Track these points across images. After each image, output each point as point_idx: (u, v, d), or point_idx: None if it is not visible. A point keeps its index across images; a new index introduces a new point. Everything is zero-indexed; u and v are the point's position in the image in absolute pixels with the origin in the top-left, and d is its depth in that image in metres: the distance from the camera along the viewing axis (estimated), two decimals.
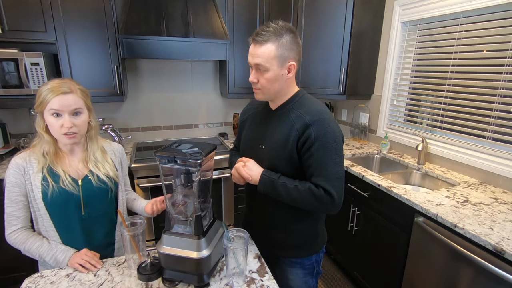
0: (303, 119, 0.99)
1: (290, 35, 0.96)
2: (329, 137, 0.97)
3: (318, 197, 0.96)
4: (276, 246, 1.17)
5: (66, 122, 1.00)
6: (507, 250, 1.11)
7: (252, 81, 1.02)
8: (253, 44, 0.97)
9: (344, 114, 3.03)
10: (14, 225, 1.03)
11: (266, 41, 0.94)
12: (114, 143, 1.25)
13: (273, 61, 0.96)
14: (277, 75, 0.98)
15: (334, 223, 2.29)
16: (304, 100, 1.06)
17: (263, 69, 0.97)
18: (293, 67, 1.00)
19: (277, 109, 1.08)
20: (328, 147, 0.97)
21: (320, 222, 1.18)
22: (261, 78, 0.99)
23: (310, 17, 2.45)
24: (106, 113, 2.50)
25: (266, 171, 1.04)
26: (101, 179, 1.11)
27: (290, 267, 1.18)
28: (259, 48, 0.95)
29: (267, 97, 1.06)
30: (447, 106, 2.00)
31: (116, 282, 0.94)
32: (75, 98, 1.02)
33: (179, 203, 0.96)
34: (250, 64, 1.00)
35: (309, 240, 1.16)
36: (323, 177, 0.96)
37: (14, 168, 1.01)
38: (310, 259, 1.18)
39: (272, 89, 1.01)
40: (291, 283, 1.20)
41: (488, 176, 1.76)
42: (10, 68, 1.86)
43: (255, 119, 1.17)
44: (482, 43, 1.76)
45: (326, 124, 0.98)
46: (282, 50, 0.95)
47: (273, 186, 1.01)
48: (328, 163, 0.97)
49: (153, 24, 2.10)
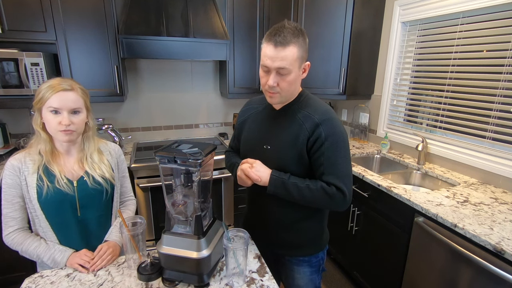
0: (312, 119, 1.00)
1: (303, 35, 0.96)
2: (339, 136, 0.99)
3: (331, 194, 0.97)
4: (283, 246, 1.16)
5: (64, 120, 0.99)
6: (507, 250, 1.11)
7: (272, 86, 0.96)
8: (274, 47, 0.91)
9: (344, 114, 3.03)
10: (11, 226, 1.03)
11: (288, 43, 0.91)
12: (111, 143, 1.24)
13: (295, 63, 0.94)
14: (297, 77, 0.98)
15: (334, 223, 2.29)
16: (309, 100, 1.06)
17: (285, 72, 0.94)
18: (307, 67, 1.00)
19: (282, 109, 1.07)
20: (338, 146, 0.98)
21: (325, 220, 1.20)
22: (282, 81, 0.95)
23: (310, 17, 2.45)
24: (106, 113, 2.50)
25: (275, 171, 1.02)
26: (97, 180, 1.10)
27: (296, 266, 1.18)
28: (282, 51, 0.91)
29: (283, 100, 1.03)
30: (447, 106, 2.00)
31: (116, 282, 0.93)
32: (75, 96, 1.02)
33: (179, 203, 0.96)
34: (269, 67, 0.94)
35: (315, 238, 1.17)
36: (334, 175, 0.98)
37: (10, 169, 1.01)
38: (317, 256, 1.19)
39: (290, 91, 1.00)
40: (298, 282, 1.20)
41: (488, 176, 1.76)
42: (10, 68, 1.86)
43: (256, 119, 1.15)
44: (482, 43, 1.76)
45: (335, 124, 1.00)
46: (302, 51, 0.94)
47: (284, 186, 1.00)
48: (338, 161, 0.98)
49: (153, 24, 2.10)
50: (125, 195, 1.29)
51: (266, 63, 0.94)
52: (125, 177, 1.28)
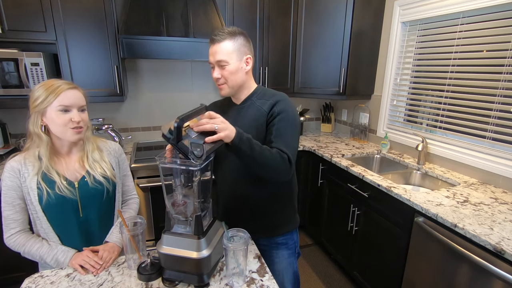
0: (268, 102, 1.13)
1: (242, 36, 1.11)
2: (290, 114, 1.11)
3: (284, 158, 1.04)
4: (260, 230, 1.22)
5: (76, 116, 1.00)
6: (507, 250, 1.11)
7: (216, 77, 1.12)
8: (212, 45, 1.10)
9: (344, 114, 3.03)
10: (13, 228, 1.03)
11: (223, 40, 1.08)
12: (111, 142, 1.24)
13: (232, 55, 1.09)
14: (237, 67, 1.11)
15: (334, 223, 2.30)
16: (266, 91, 1.20)
17: (224, 64, 1.08)
18: (250, 59, 1.14)
19: (242, 103, 1.19)
20: (288, 121, 1.10)
21: (294, 199, 1.30)
22: (224, 72, 1.10)
23: (310, 17, 2.45)
24: (106, 113, 2.50)
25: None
26: (97, 179, 1.10)
27: (275, 250, 1.26)
28: (218, 46, 1.08)
29: (231, 91, 1.16)
30: (447, 106, 2.00)
31: (116, 282, 0.94)
32: (80, 94, 1.04)
33: (179, 203, 0.96)
34: (212, 64, 1.12)
35: (290, 216, 1.29)
36: (282, 143, 1.07)
37: (9, 171, 1.00)
38: (292, 238, 1.29)
39: (235, 81, 1.13)
40: (278, 267, 1.26)
41: (488, 176, 1.76)
42: (10, 68, 1.86)
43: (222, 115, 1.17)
44: (482, 43, 1.76)
45: (288, 103, 1.14)
46: (238, 46, 1.10)
47: (249, 142, 0.97)
48: (287, 133, 1.09)
49: (153, 24, 2.10)
50: (128, 193, 1.29)
51: (209, 59, 1.12)
52: (127, 176, 1.28)
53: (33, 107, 0.99)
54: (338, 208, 2.21)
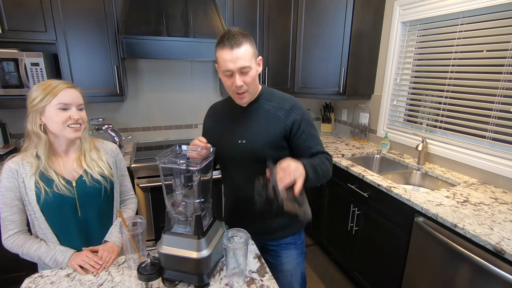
0: (283, 108, 1.11)
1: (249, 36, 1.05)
2: (306, 113, 1.14)
3: (330, 160, 1.12)
4: (270, 232, 1.22)
5: (74, 114, 1.02)
6: (507, 250, 1.11)
7: (239, 85, 1.01)
8: (231, 50, 0.97)
9: (344, 114, 3.03)
10: (11, 230, 1.03)
11: (242, 43, 0.98)
12: (108, 142, 1.25)
13: (252, 59, 1.03)
14: (257, 71, 1.07)
15: (334, 223, 2.30)
16: (272, 93, 1.17)
17: (247, 70, 1.01)
18: (261, 60, 1.10)
19: (249, 106, 1.14)
20: (310, 122, 1.13)
21: None
22: (247, 78, 1.02)
23: (310, 17, 2.45)
24: (106, 113, 2.50)
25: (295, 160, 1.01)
26: (95, 178, 1.11)
27: (284, 250, 1.25)
28: (239, 51, 0.97)
29: (251, 98, 1.11)
30: (447, 106, 2.00)
31: (116, 282, 0.94)
32: (79, 93, 1.06)
33: (179, 203, 0.96)
34: (232, 70, 0.99)
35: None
36: (318, 144, 1.13)
37: (7, 172, 1.01)
38: (300, 237, 1.29)
39: (256, 86, 1.09)
40: (286, 267, 1.25)
41: (488, 176, 1.76)
42: (10, 68, 1.86)
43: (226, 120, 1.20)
44: (482, 43, 1.76)
45: (300, 105, 1.15)
46: (253, 48, 1.04)
47: (313, 168, 1.02)
48: (315, 134, 1.14)
49: (153, 24, 2.10)
50: (126, 193, 1.29)
51: (228, 67, 0.99)
52: (125, 176, 1.28)
53: (31, 106, 1.00)
54: (338, 208, 2.20)
